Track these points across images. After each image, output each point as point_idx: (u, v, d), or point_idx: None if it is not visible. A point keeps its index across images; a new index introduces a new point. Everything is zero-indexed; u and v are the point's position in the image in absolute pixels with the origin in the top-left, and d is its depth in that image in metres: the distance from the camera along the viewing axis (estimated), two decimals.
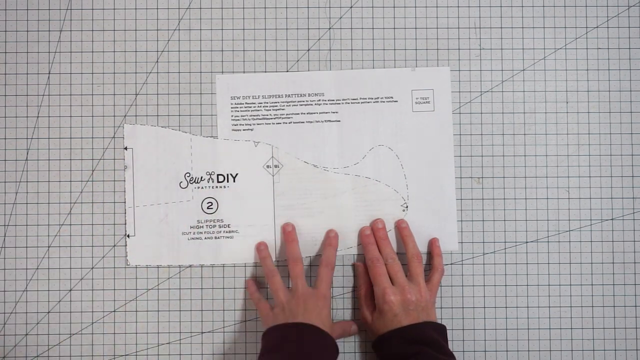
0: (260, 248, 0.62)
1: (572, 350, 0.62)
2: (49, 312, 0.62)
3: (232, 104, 0.63)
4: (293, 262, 0.59)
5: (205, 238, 0.63)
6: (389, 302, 0.56)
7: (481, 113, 0.63)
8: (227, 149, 0.63)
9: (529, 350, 0.62)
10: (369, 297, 0.60)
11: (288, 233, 0.61)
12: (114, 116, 0.63)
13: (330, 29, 0.63)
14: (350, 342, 0.63)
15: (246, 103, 0.63)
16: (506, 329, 0.63)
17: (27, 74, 0.63)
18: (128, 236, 0.62)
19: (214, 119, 0.63)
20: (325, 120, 0.63)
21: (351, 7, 0.63)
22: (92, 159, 0.63)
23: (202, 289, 0.63)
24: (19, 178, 0.62)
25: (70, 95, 0.63)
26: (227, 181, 0.63)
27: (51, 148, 0.63)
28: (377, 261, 0.59)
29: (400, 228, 0.61)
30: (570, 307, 0.63)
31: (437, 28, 0.63)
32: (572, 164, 0.63)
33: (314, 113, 0.63)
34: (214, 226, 0.63)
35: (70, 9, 0.63)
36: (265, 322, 0.58)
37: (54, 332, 0.62)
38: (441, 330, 0.57)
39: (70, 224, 0.62)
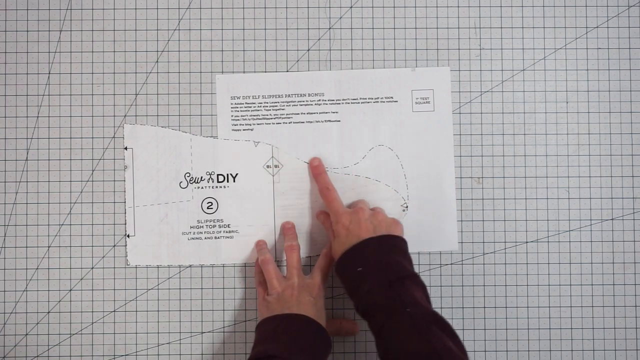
0: (259, 243, 0.62)
1: (572, 350, 0.62)
2: (49, 312, 0.62)
3: (232, 104, 0.63)
4: (290, 250, 0.59)
5: (205, 238, 0.63)
6: (341, 222, 0.56)
7: (481, 113, 0.63)
8: (227, 149, 0.63)
9: (529, 350, 0.62)
10: (330, 228, 0.59)
11: (287, 229, 0.61)
12: (114, 116, 0.63)
13: (330, 29, 0.63)
14: (350, 342, 0.63)
15: (246, 103, 0.63)
16: (506, 329, 0.63)
17: (27, 74, 0.63)
18: (128, 236, 0.62)
19: (214, 119, 0.63)
20: (325, 120, 0.63)
21: (351, 7, 0.63)
22: (92, 159, 0.63)
23: (202, 289, 0.63)
24: (19, 178, 0.62)
25: (70, 95, 0.63)
26: (227, 181, 0.63)
27: (51, 148, 0.63)
28: (327, 189, 0.59)
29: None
30: (570, 307, 0.63)
31: (437, 28, 0.63)
32: (572, 164, 0.63)
33: (314, 113, 0.63)
34: (214, 226, 0.63)
35: (70, 9, 0.63)
36: (260, 309, 0.58)
37: (54, 332, 0.62)
38: (390, 243, 0.54)
39: (70, 224, 0.62)
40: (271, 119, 0.63)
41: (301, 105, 0.63)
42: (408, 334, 0.48)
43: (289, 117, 0.63)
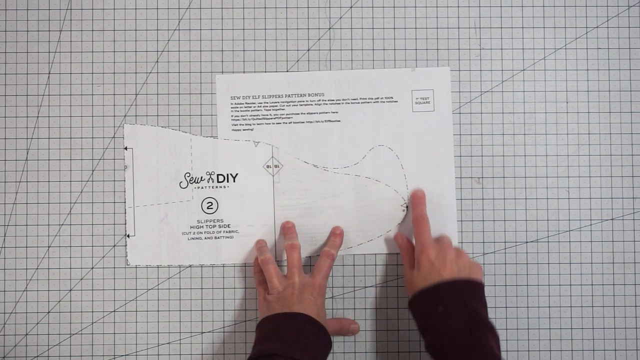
0: (259, 242, 0.62)
1: (572, 350, 0.62)
2: (49, 312, 0.62)
3: (232, 104, 0.63)
4: (291, 249, 0.59)
5: (205, 238, 0.63)
6: (426, 253, 0.56)
7: (481, 113, 0.63)
8: (227, 149, 0.63)
9: (529, 350, 0.62)
10: (411, 257, 0.59)
11: (288, 228, 0.62)
12: (114, 116, 0.63)
13: (330, 29, 0.63)
14: (350, 342, 0.63)
15: (246, 103, 0.63)
16: (506, 329, 0.63)
17: (27, 74, 0.63)
18: (128, 236, 0.62)
19: (214, 119, 0.63)
20: (325, 120, 0.63)
21: (351, 7, 0.63)
22: (92, 159, 0.63)
23: (202, 289, 0.63)
24: (19, 178, 0.62)
25: (70, 95, 0.63)
26: (227, 181, 0.63)
27: (51, 148, 0.63)
28: (422, 219, 0.59)
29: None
30: (570, 307, 0.63)
31: (437, 28, 0.63)
32: (572, 164, 0.63)
33: (314, 113, 0.63)
34: (214, 226, 0.63)
35: (70, 9, 0.63)
36: (260, 309, 0.58)
37: (54, 332, 0.62)
38: (473, 289, 0.54)
39: (70, 224, 0.62)
40: (271, 119, 0.63)
41: (301, 105, 0.63)
42: None
43: (289, 117, 0.63)
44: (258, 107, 0.63)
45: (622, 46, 0.63)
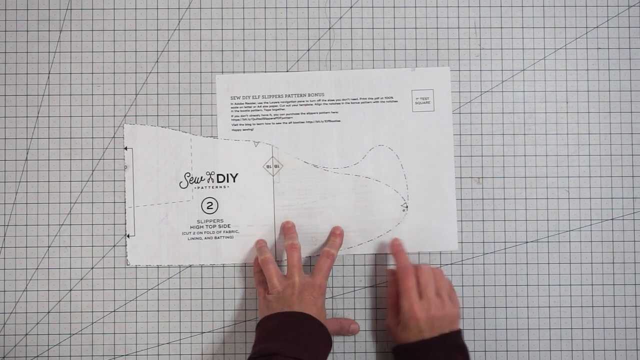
0: (259, 242, 0.62)
1: (572, 350, 0.62)
2: (49, 312, 0.62)
3: (232, 104, 0.63)
4: (291, 248, 0.59)
5: (205, 238, 0.63)
6: (415, 318, 0.55)
7: (481, 113, 0.63)
8: (227, 149, 0.63)
9: (529, 350, 0.62)
10: (396, 306, 0.59)
11: (288, 228, 0.62)
12: (114, 116, 0.63)
13: (330, 29, 0.63)
14: (350, 342, 0.63)
15: (246, 103, 0.63)
16: (506, 329, 0.63)
17: (27, 74, 0.63)
18: (128, 236, 0.62)
19: (214, 119, 0.63)
20: (325, 120, 0.63)
21: (351, 7, 0.63)
22: (92, 159, 0.63)
23: (202, 289, 0.63)
24: (19, 178, 0.62)
25: (70, 95, 0.63)
26: (227, 181, 0.63)
27: (51, 148, 0.63)
28: (408, 269, 0.58)
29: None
30: (570, 307, 0.63)
31: (437, 28, 0.63)
32: (572, 164, 0.63)
33: (314, 113, 0.63)
34: (214, 226, 0.63)
35: (70, 9, 0.63)
36: (260, 309, 0.58)
37: (54, 332, 0.62)
38: (455, 341, 0.56)
39: (70, 224, 0.62)
40: (271, 119, 0.63)
41: (301, 105, 0.63)
42: None
43: (289, 117, 0.63)
44: (258, 107, 0.63)
45: (622, 46, 0.63)
